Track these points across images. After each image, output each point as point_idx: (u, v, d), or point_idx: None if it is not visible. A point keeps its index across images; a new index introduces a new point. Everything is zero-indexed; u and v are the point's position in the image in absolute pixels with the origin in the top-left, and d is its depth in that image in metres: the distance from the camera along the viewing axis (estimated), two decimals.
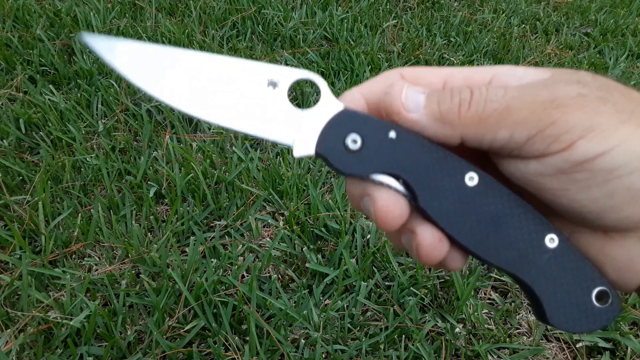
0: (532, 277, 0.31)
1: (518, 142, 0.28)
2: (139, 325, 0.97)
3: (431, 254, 0.31)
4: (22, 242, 1.07)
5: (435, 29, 2.14)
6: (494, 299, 1.10)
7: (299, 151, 0.32)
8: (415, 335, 0.99)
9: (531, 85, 0.30)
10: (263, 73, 0.32)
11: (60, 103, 1.46)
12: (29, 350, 0.91)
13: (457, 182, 0.30)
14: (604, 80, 0.30)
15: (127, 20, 1.90)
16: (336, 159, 0.31)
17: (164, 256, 1.06)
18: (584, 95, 0.28)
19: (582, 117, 0.27)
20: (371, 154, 0.31)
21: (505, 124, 0.28)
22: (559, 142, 0.27)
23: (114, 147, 1.36)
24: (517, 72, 0.32)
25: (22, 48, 1.67)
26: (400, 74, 0.34)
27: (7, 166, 1.25)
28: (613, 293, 0.31)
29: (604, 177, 0.27)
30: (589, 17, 2.44)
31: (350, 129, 0.31)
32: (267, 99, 0.32)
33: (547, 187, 0.29)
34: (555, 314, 0.31)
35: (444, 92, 0.30)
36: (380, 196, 0.31)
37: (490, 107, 0.29)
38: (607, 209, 0.28)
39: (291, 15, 2.03)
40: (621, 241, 0.30)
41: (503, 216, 0.30)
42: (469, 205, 0.30)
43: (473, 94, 0.29)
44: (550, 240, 0.30)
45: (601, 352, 1.01)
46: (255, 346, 0.93)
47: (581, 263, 0.31)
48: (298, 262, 1.12)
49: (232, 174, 1.28)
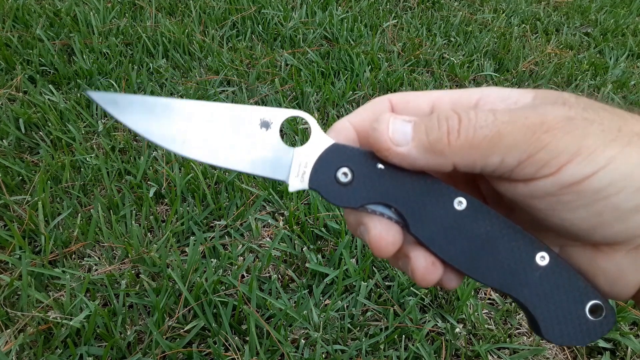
0: (525, 295, 0.31)
1: (509, 167, 0.29)
2: (139, 326, 0.97)
3: (426, 277, 0.32)
4: (22, 242, 1.07)
5: (435, 28, 2.14)
6: (494, 299, 1.10)
7: (294, 186, 0.33)
8: (416, 335, 0.99)
9: (520, 109, 0.30)
10: (256, 116, 0.34)
11: (60, 103, 1.46)
12: (29, 351, 0.91)
13: (446, 207, 0.31)
14: (588, 100, 0.31)
15: (127, 20, 1.89)
16: (329, 192, 0.32)
17: (163, 256, 1.06)
18: (571, 117, 0.28)
19: (570, 140, 0.28)
20: (362, 186, 0.32)
21: (497, 149, 0.28)
22: (548, 167, 0.28)
23: (114, 147, 1.36)
24: (503, 94, 0.33)
25: (22, 48, 1.67)
26: (388, 100, 0.35)
27: (7, 166, 1.25)
28: (607, 306, 0.31)
29: (591, 198, 0.28)
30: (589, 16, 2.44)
31: (340, 163, 0.32)
32: (260, 139, 0.34)
33: (536, 207, 0.30)
34: (550, 329, 0.31)
35: (431, 119, 0.30)
36: (374, 225, 0.32)
37: (481, 134, 0.29)
38: (596, 227, 0.29)
39: (291, 15, 2.03)
40: (611, 254, 0.31)
41: (493, 238, 0.31)
42: (459, 229, 0.31)
43: (461, 120, 0.29)
44: (541, 258, 0.31)
45: (601, 352, 1.01)
46: (255, 346, 0.93)
47: (573, 278, 0.31)
48: (298, 262, 1.12)
49: (232, 173, 1.28)
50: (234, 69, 1.72)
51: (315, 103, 1.61)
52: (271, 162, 0.34)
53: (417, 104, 0.34)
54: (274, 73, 1.73)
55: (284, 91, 1.65)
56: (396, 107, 0.35)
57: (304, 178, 0.33)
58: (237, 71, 1.72)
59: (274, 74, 1.72)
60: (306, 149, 0.33)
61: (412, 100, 0.35)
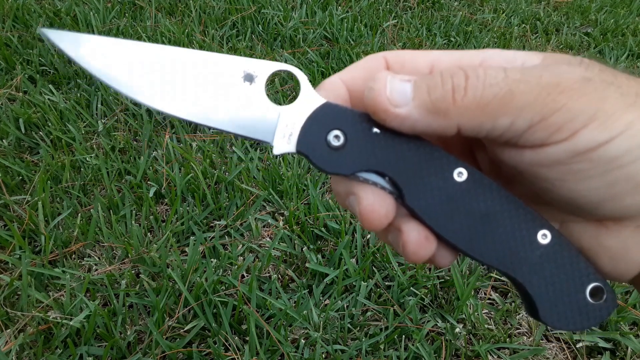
0: (524, 275, 0.30)
1: (519, 130, 0.26)
2: (139, 326, 0.97)
3: (418, 252, 0.30)
4: (22, 242, 1.07)
5: (435, 28, 2.14)
6: (494, 299, 1.10)
7: (280, 149, 0.30)
8: (415, 335, 0.99)
9: (533, 68, 0.27)
10: (238, 67, 0.31)
11: (60, 103, 1.46)
12: (29, 350, 0.91)
13: (446, 178, 0.29)
14: (602, 65, 0.28)
15: (126, 20, 1.89)
16: (318, 157, 0.30)
17: (163, 256, 1.06)
18: (588, 78, 0.26)
19: (587, 103, 0.25)
20: (355, 151, 0.29)
21: (507, 109, 0.26)
22: (562, 132, 0.25)
23: (114, 146, 1.36)
24: (507, 56, 0.30)
25: (22, 48, 1.67)
26: (384, 58, 0.32)
27: (7, 166, 1.25)
28: (608, 289, 0.29)
29: (605, 167, 0.26)
30: (589, 16, 2.44)
31: (332, 125, 0.30)
32: (243, 94, 0.31)
33: (542, 176, 0.28)
34: (548, 312, 0.30)
35: (433, 77, 0.27)
36: (365, 196, 0.29)
37: (490, 92, 0.26)
38: (607, 199, 0.27)
39: (291, 14, 2.03)
40: (617, 230, 0.29)
41: (493, 213, 0.29)
42: (458, 202, 0.29)
43: (468, 77, 0.26)
44: (543, 237, 0.29)
45: (601, 352, 1.01)
46: (255, 346, 0.93)
47: (575, 259, 0.29)
48: (298, 262, 1.12)
49: (232, 173, 1.28)
50: None
51: None
52: (254, 121, 0.30)
53: (414, 64, 0.31)
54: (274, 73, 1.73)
55: (283, 91, 1.65)
56: (392, 67, 0.32)
57: (290, 140, 0.30)
58: None
59: (274, 74, 1.72)
60: (294, 107, 0.30)
61: (409, 60, 0.31)
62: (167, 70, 0.30)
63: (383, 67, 0.31)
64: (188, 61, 0.31)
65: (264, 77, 0.31)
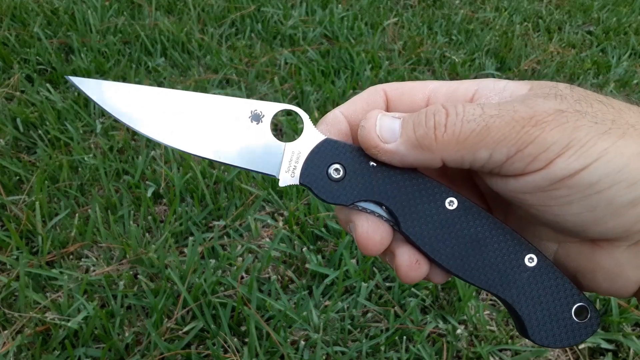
0: (513, 296, 0.32)
1: (498, 161, 0.28)
2: (137, 327, 0.97)
3: (409, 274, 0.32)
4: (20, 242, 1.06)
5: (436, 27, 2.13)
6: (495, 300, 1.09)
7: (285, 181, 0.33)
8: (417, 336, 0.98)
9: (509, 102, 0.29)
10: (246, 108, 0.34)
11: (58, 102, 1.45)
12: (27, 352, 0.91)
13: (438, 207, 0.32)
14: (583, 91, 0.30)
15: (125, 18, 1.88)
16: (320, 188, 0.32)
17: (162, 257, 1.05)
18: (561, 110, 0.28)
19: (560, 133, 0.27)
20: (353, 183, 0.32)
21: (485, 143, 0.28)
22: (537, 161, 0.27)
23: (112, 146, 1.35)
24: (499, 86, 0.32)
25: (20, 46, 1.66)
26: (383, 90, 0.34)
27: (4, 166, 1.24)
28: (592, 308, 0.32)
29: (583, 192, 0.27)
30: (591, 15, 2.42)
31: (332, 159, 0.32)
32: (251, 133, 0.34)
33: (528, 203, 0.30)
34: (536, 331, 0.32)
35: (419, 115, 0.30)
36: (361, 224, 0.32)
37: (468, 128, 0.28)
38: (590, 222, 0.29)
39: (291, 13, 2.02)
40: (610, 250, 0.30)
41: (483, 238, 0.32)
42: (450, 228, 0.32)
43: (449, 115, 0.29)
44: (530, 260, 0.32)
45: (604, 353, 1.01)
46: (255, 348, 0.92)
47: (560, 280, 0.32)
48: (298, 262, 1.11)
49: (231, 173, 1.27)
50: (233, 68, 1.71)
51: (315, 102, 1.60)
52: (261, 156, 0.34)
53: (412, 97, 0.34)
54: (274, 72, 1.72)
55: (283, 90, 1.64)
56: (391, 99, 0.35)
57: (294, 173, 0.33)
58: (236, 70, 1.71)
59: (274, 73, 1.71)
60: (298, 143, 0.33)
61: (407, 92, 0.34)
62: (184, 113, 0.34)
63: (382, 100, 0.34)
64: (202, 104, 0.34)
65: (269, 117, 0.34)
